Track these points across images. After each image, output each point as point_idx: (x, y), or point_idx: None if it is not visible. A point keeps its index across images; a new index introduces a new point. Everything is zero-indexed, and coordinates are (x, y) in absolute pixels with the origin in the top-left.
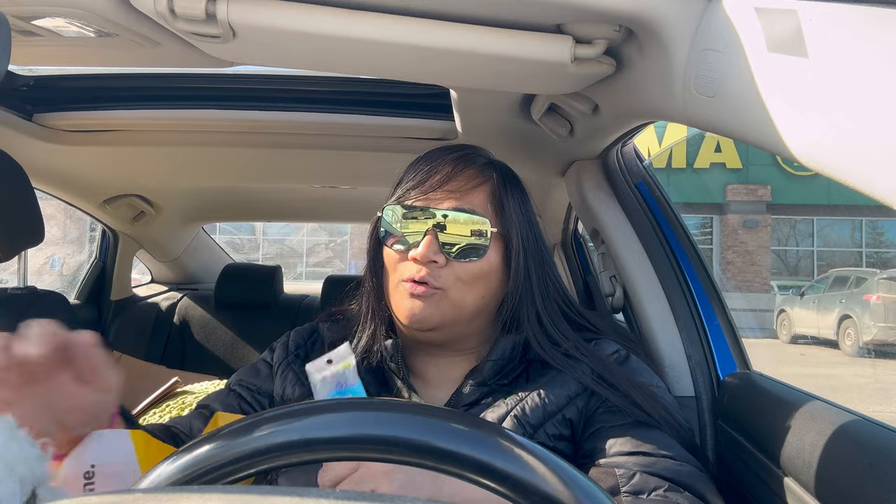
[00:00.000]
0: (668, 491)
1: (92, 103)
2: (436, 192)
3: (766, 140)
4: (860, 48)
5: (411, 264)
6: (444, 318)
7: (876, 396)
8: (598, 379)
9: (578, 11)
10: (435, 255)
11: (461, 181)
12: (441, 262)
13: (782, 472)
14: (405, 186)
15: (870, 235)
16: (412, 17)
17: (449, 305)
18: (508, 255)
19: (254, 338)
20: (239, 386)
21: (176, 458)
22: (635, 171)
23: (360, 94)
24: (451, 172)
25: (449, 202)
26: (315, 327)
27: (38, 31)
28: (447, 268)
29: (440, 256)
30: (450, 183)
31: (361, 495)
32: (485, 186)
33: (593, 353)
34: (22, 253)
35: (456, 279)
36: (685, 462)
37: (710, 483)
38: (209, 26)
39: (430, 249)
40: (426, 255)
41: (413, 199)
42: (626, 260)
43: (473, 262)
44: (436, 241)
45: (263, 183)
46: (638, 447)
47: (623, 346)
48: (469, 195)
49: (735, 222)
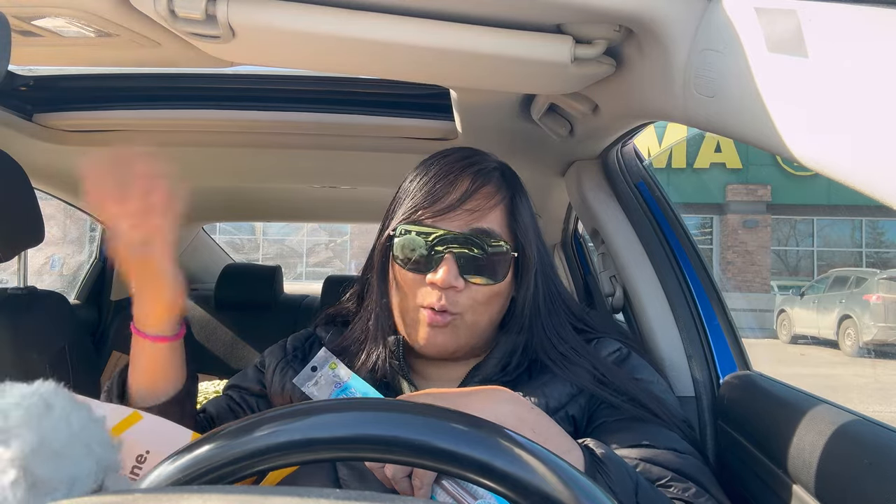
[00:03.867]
0: (672, 481)
1: (92, 103)
2: (454, 212)
3: (766, 140)
4: (860, 48)
5: (428, 289)
6: (460, 342)
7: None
8: (596, 382)
9: (578, 11)
10: (455, 280)
11: (479, 200)
12: (460, 287)
13: (782, 472)
14: (417, 201)
15: (870, 235)
16: (412, 17)
17: (465, 330)
18: (518, 268)
19: (254, 338)
20: (230, 389)
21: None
22: (635, 171)
23: (361, 94)
24: (469, 190)
25: (467, 223)
26: (312, 332)
27: (38, 31)
28: (465, 291)
29: (459, 281)
30: (468, 202)
31: (361, 495)
32: (502, 205)
33: (593, 354)
34: (22, 253)
35: (473, 302)
36: (688, 455)
37: (712, 476)
38: (209, 27)
39: (450, 275)
40: (446, 281)
41: (431, 220)
42: (626, 260)
43: (490, 287)
44: (455, 266)
45: (263, 183)
46: (640, 440)
47: (624, 345)
48: (488, 215)
49: (735, 222)
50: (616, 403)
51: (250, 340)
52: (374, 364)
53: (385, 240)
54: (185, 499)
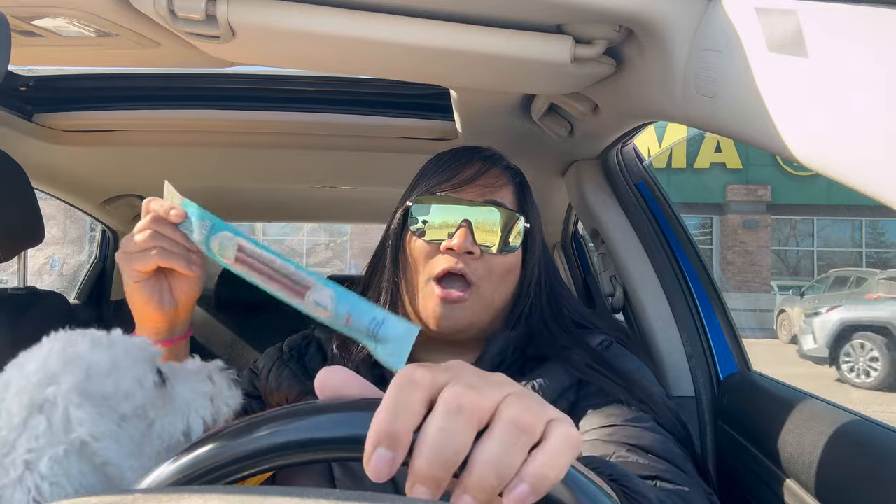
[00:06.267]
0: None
1: (92, 103)
2: (469, 186)
3: (766, 140)
4: (860, 48)
5: (444, 257)
6: (474, 318)
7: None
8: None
9: (578, 11)
10: (472, 245)
11: (491, 177)
12: (476, 255)
13: (782, 472)
14: (433, 180)
15: (870, 235)
16: (412, 17)
17: (479, 304)
18: (526, 247)
19: (254, 338)
20: None
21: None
22: (635, 172)
23: (360, 94)
24: (482, 168)
25: (482, 195)
26: (310, 333)
27: (38, 31)
28: (481, 261)
29: (476, 248)
30: (481, 178)
31: (361, 496)
32: (511, 186)
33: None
34: (22, 253)
35: (489, 273)
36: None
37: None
38: (209, 27)
39: (466, 240)
40: (463, 246)
41: (446, 192)
42: (626, 260)
43: (506, 256)
44: (471, 233)
45: (263, 183)
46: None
47: (608, 336)
48: (500, 191)
49: (735, 222)
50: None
51: (250, 341)
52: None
53: (402, 214)
54: (185, 499)
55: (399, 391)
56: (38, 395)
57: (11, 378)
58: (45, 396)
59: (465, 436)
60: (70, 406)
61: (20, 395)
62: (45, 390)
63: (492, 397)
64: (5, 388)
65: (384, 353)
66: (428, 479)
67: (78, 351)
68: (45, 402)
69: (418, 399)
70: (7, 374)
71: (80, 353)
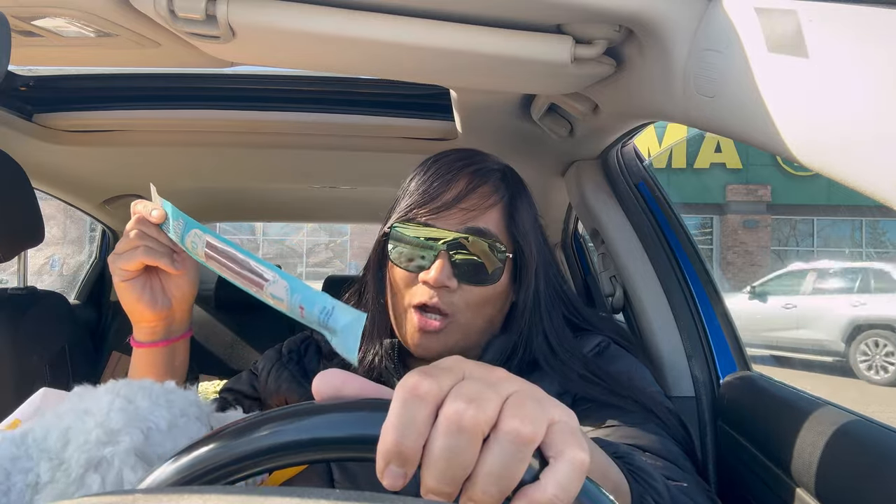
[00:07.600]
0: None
1: (92, 103)
2: (449, 211)
3: (766, 140)
4: (860, 48)
5: (421, 287)
6: (451, 345)
7: None
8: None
9: (578, 11)
10: (448, 279)
11: (475, 199)
12: (453, 287)
13: (782, 472)
14: (413, 200)
15: (870, 235)
16: (412, 17)
17: (457, 332)
18: (516, 270)
19: (254, 338)
20: (225, 392)
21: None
22: (635, 172)
23: (360, 94)
24: (466, 189)
25: (462, 222)
26: (309, 335)
27: (38, 31)
28: (458, 292)
29: (452, 281)
30: (463, 201)
31: (361, 496)
32: (499, 205)
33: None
34: (22, 253)
35: (466, 304)
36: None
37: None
38: (209, 27)
39: (442, 274)
40: (439, 280)
41: (424, 218)
42: (626, 260)
43: (485, 288)
44: (448, 265)
45: (263, 183)
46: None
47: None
48: (484, 215)
49: (735, 222)
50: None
51: (250, 341)
52: (371, 363)
53: (381, 238)
54: (184, 499)
55: (405, 407)
56: (97, 454)
57: (71, 428)
58: (103, 455)
59: (469, 452)
60: (125, 468)
61: (79, 452)
62: (103, 449)
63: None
64: (65, 437)
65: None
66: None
67: (138, 409)
68: (103, 461)
69: (424, 417)
70: (67, 422)
71: (140, 411)
